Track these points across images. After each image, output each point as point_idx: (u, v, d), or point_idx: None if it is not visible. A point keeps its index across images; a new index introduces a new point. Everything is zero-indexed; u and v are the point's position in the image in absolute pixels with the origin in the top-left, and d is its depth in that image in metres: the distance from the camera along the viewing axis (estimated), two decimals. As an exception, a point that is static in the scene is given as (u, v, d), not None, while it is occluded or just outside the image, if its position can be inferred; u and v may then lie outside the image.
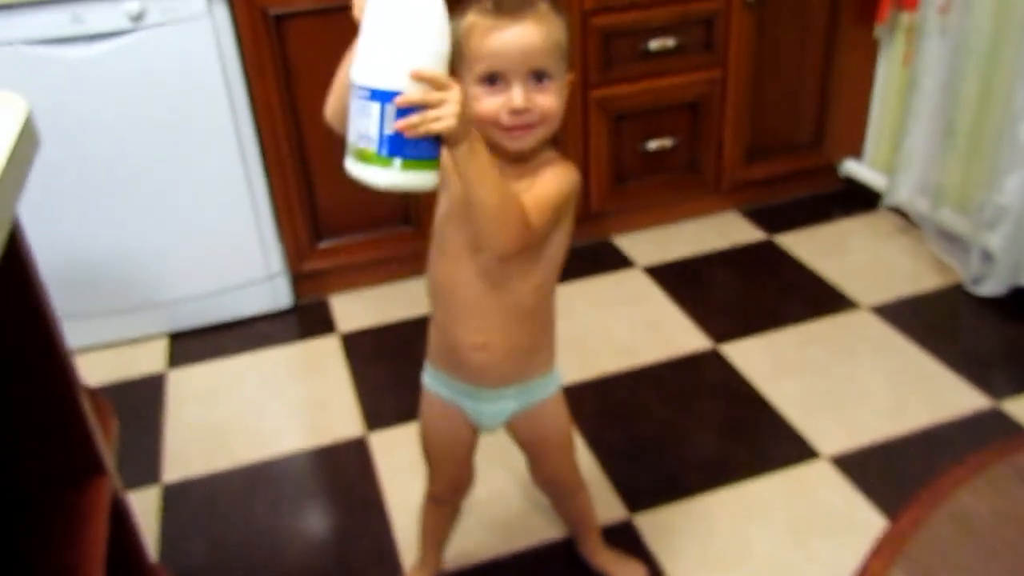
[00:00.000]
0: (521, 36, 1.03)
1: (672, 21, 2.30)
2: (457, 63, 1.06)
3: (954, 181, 2.35)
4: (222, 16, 1.97)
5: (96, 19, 1.88)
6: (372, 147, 0.89)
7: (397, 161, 0.90)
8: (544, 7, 1.06)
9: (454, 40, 1.03)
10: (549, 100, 1.06)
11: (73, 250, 2.10)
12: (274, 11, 1.98)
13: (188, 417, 2.02)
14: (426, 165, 0.92)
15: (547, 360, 1.31)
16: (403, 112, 0.88)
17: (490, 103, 1.05)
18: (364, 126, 0.90)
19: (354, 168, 0.93)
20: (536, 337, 1.26)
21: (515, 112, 1.04)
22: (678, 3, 2.28)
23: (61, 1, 1.85)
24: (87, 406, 1.12)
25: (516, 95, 1.04)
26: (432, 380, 1.34)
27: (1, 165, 0.79)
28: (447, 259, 1.18)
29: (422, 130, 0.90)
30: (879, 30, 2.51)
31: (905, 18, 2.44)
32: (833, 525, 1.62)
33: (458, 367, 1.26)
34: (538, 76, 1.05)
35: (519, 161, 1.11)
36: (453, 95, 0.91)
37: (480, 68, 1.04)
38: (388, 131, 0.89)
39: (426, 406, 1.36)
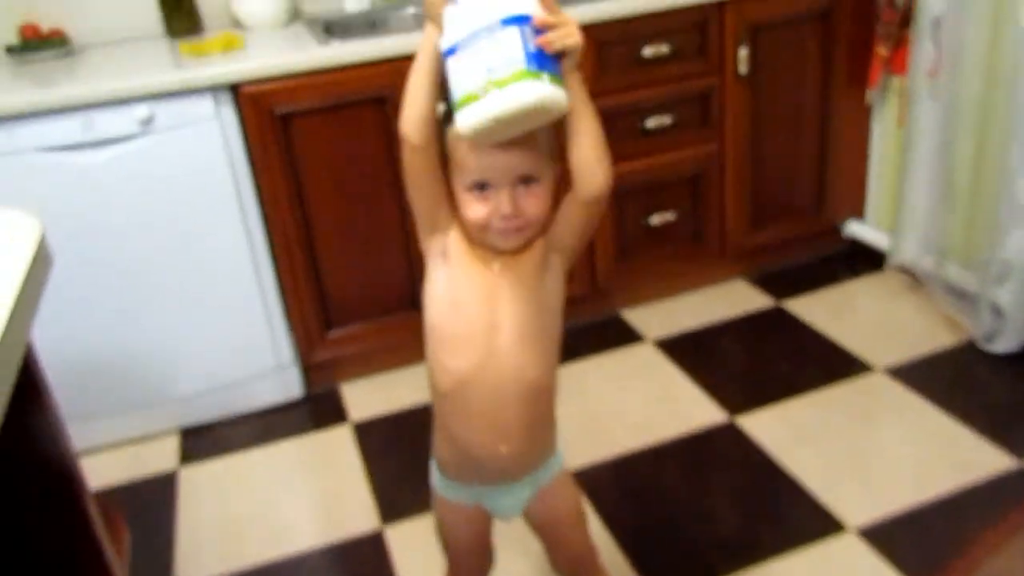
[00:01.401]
0: (508, 150, 1.06)
1: (668, 99, 2.35)
2: (450, 169, 1.10)
3: (957, 238, 2.36)
4: (229, 117, 2.01)
5: (106, 125, 1.93)
6: (519, 66, 0.95)
7: (545, 75, 0.97)
8: None
9: (447, 147, 1.06)
10: (537, 204, 1.10)
11: (82, 350, 2.10)
12: (280, 110, 2.03)
13: (201, 515, 1.99)
14: (560, 82, 0.99)
15: (554, 438, 1.31)
16: (538, 33, 0.98)
17: (480, 210, 1.09)
18: (498, 57, 0.96)
19: (487, 104, 0.96)
20: (550, 418, 1.27)
21: (504, 218, 1.08)
22: (673, 82, 2.33)
23: (73, 109, 1.90)
24: (99, 523, 1.11)
25: (504, 204, 1.07)
26: (445, 486, 1.31)
27: (16, 291, 0.80)
28: (462, 358, 1.17)
29: (558, 45, 0.98)
30: (871, 94, 2.55)
31: (896, 81, 2.49)
32: (865, 601, 1.58)
33: (478, 473, 1.25)
34: (526, 181, 1.08)
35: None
36: (570, 16, 1.01)
37: (469, 178, 1.08)
38: (532, 48, 0.97)
39: (440, 506, 1.34)
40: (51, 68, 2.17)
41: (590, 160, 1.08)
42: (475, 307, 1.16)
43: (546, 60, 0.98)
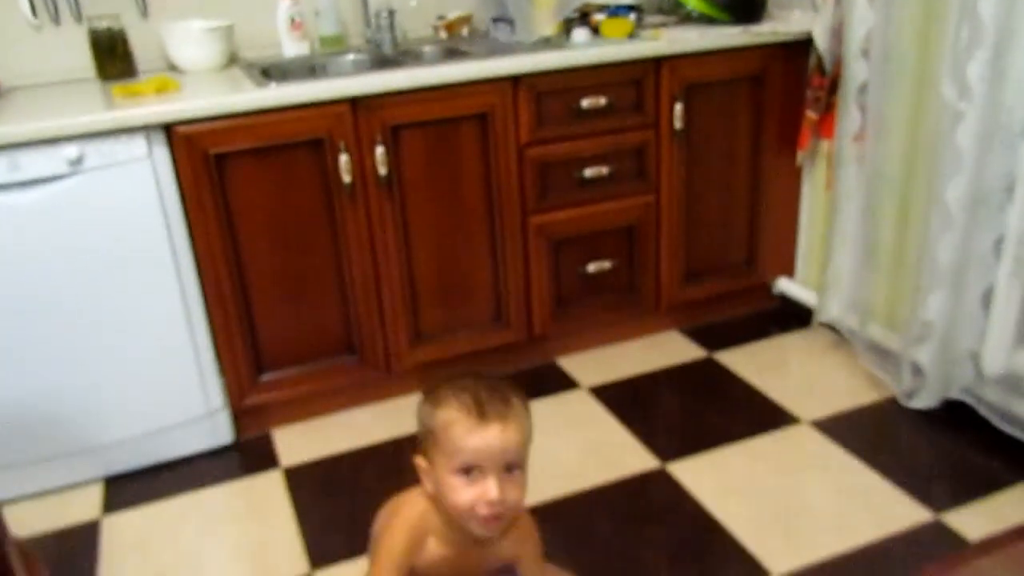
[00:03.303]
0: (502, 437, 1.13)
1: (605, 151, 2.41)
2: (432, 448, 1.14)
3: (880, 298, 2.44)
4: (162, 157, 2.00)
5: (33, 165, 1.89)
6: None
7: None
8: (518, 404, 1.18)
9: (431, 427, 1.14)
10: (518, 492, 1.17)
11: (3, 396, 2.03)
12: (214, 151, 2.02)
13: (124, 568, 1.93)
14: None
15: None
16: None
17: (467, 494, 1.14)
18: None
19: None
20: None
21: (491, 503, 1.13)
22: (609, 134, 2.39)
23: (-1, 148, 1.86)
24: (16, 559, 1.08)
25: (492, 488, 1.13)
26: None
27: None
28: None
29: None
30: (801, 157, 2.65)
31: (824, 145, 2.59)
32: (788, 651, 1.60)
33: None
34: (510, 468, 1.15)
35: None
36: None
37: (459, 461, 1.14)
38: None
39: None
40: (-23, 108, 2.12)
41: None
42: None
43: None
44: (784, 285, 2.84)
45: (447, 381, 1.23)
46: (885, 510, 1.93)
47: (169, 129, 1.99)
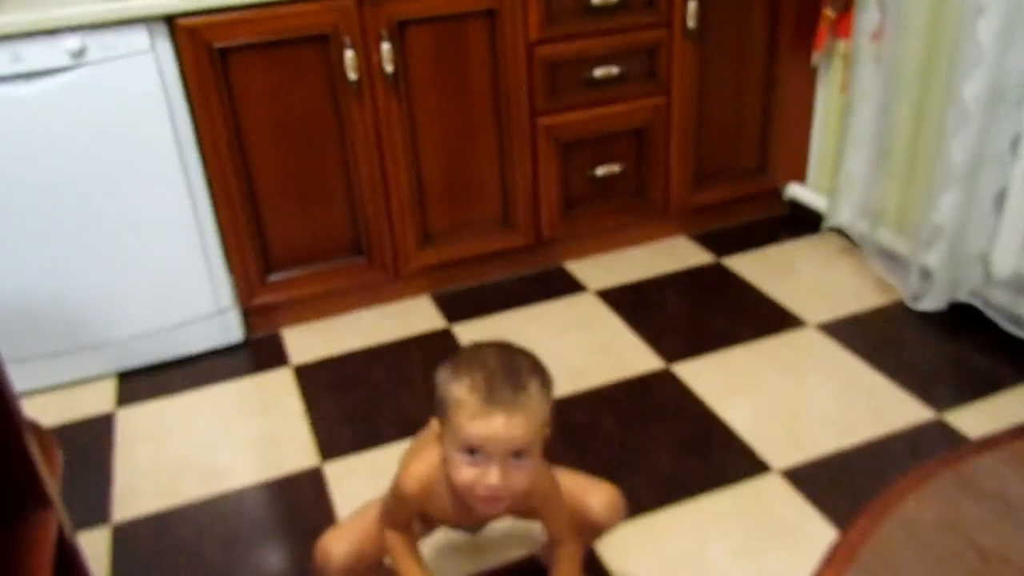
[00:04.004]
0: (506, 427, 1.08)
1: (615, 50, 2.36)
2: (442, 418, 1.13)
3: (892, 202, 2.42)
4: (165, 51, 1.97)
5: (35, 57, 1.87)
6: None
7: None
8: (535, 386, 1.12)
9: (443, 398, 1.11)
10: (523, 479, 1.14)
11: (15, 292, 2.05)
12: (218, 44, 1.99)
13: (138, 456, 1.98)
14: None
15: None
16: None
17: (468, 473, 1.12)
18: None
19: None
20: None
21: (489, 487, 1.11)
22: (620, 32, 2.34)
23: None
24: (30, 437, 1.10)
25: (492, 475, 1.10)
26: None
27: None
28: None
29: None
30: (817, 58, 2.59)
31: (841, 46, 2.53)
32: (786, 537, 1.64)
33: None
34: (517, 454, 1.11)
35: None
36: None
37: (463, 442, 1.11)
38: None
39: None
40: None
41: None
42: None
43: None
44: (795, 190, 2.81)
45: (473, 347, 1.18)
46: (887, 409, 1.96)
47: (171, 22, 1.95)
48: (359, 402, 2.10)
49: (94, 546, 1.73)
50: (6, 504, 1.12)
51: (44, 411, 2.13)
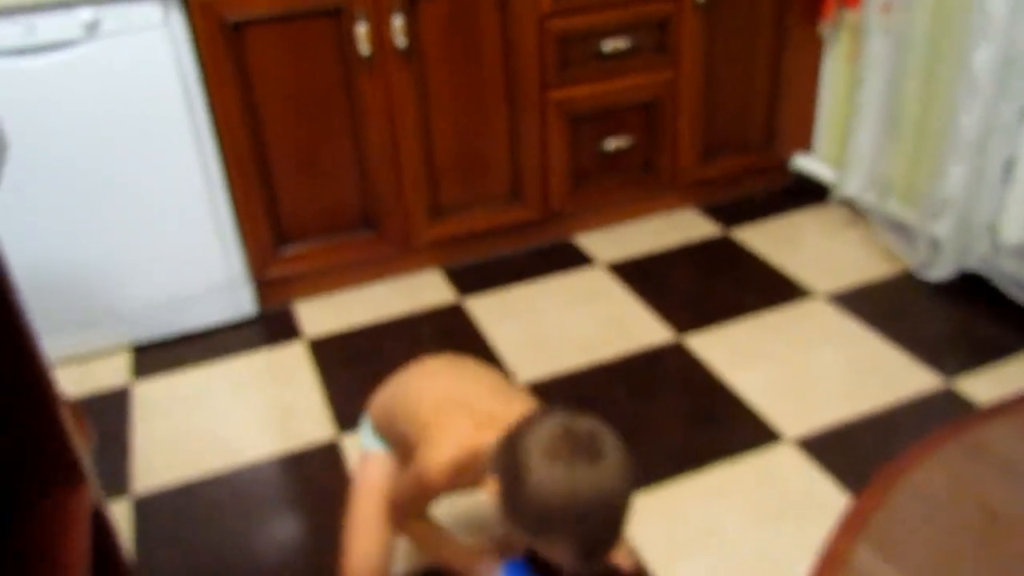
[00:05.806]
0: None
1: (625, 23, 2.35)
2: (518, 510, 1.08)
3: (900, 173, 2.43)
4: (178, 24, 1.96)
5: (49, 29, 1.87)
6: None
7: None
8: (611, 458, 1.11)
9: (545, 519, 1.06)
10: None
11: (30, 263, 2.07)
12: (232, 18, 1.99)
13: (155, 429, 2.01)
14: None
15: None
16: None
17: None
18: None
19: None
20: None
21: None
22: (631, 5, 2.33)
23: (14, 12, 1.83)
24: (66, 415, 1.12)
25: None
26: None
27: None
28: None
29: None
30: (824, 28, 2.59)
31: (849, 16, 2.52)
32: (798, 505, 1.67)
33: None
34: None
35: None
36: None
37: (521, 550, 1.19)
38: None
39: None
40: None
41: None
42: None
43: None
44: (802, 162, 2.82)
45: (539, 419, 1.11)
46: (896, 377, 1.98)
47: (183, -5, 1.95)
48: (374, 375, 2.12)
49: (117, 518, 1.75)
50: (42, 478, 1.14)
51: (61, 382, 2.14)
